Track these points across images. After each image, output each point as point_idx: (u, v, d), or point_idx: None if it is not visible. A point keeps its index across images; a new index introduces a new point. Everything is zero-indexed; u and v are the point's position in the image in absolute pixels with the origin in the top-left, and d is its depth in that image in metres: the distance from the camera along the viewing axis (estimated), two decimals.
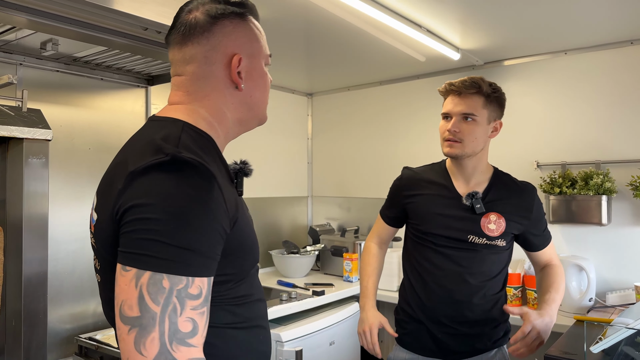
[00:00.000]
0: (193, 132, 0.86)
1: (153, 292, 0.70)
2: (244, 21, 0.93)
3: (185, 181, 0.74)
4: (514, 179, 1.59)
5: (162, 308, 0.70)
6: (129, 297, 0.70)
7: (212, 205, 0.75)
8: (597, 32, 2.15)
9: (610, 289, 2.24)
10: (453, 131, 1.47)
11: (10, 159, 1.61)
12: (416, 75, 2.93)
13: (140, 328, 0.69)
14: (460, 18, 1.98)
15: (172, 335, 0.70)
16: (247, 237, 0.87)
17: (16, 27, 1.52)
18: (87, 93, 2.08)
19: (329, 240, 3.03)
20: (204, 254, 0.74)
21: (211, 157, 0.86)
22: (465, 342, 1.50)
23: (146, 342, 0.69)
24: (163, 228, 0.71)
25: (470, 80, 1.47)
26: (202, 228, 0.74)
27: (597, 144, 2.32)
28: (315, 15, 1.93)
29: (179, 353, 0.70)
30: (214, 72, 0.90)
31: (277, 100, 3.28)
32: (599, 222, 2.19)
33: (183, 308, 0.71)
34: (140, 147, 0.81)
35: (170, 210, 0.72)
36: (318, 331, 2.27)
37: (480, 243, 1.48)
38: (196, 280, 0.73)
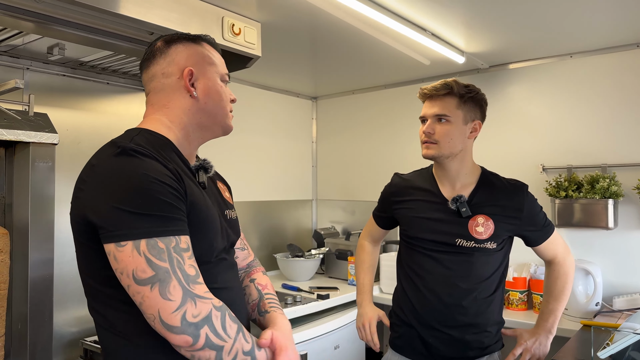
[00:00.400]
0: (149, 135, 1.03)
1: (155, 254, 0.87)
2: (196, 44, 1.12)
3: (140, 165, 0.92)
4: (502, 179, 1.57)
5: (170, 263, 0.87)
6: (138, 264, 0.86)
7: (170, 181, 0.93)
8: (603, 35, 2.15)
9: (617, 294, 2.23)
10: (427, 133, 1.50)
11: (17, 163, 1.62)
12: (421, 78, 2.93)
13: (160, 282, 0.86)
14: (465, 21, 1.98)
15: (187, 279, 0.88)
16: (201, 220, 1.00)
17: (23, 32, 1.53)
18: (93, 97, 2.09)
19: (334, 243, 3.03)
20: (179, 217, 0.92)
21: (167, 155, 1.01)
22: (457, 347, 1.49)
23: (170, 289, 0.86)
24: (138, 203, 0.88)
25: (441, 84, 1.50)
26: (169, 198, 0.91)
27: (603, 147, 2.31)
28: (320, 19, 1.94)
29: (197, 289, 0.89)
30: (171, 83, 1.08)
31: (282, 103, 3.29)
32: (605, 226, 2.17)
33: (183, 259, 0.90)
34: (102, 147, 1.00)
35: (137, 188, 0.89)
36: (323, 335, 2.26)
37: (468, 246, 1.47)
38: (182, 238, 0.92)
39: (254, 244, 3.05)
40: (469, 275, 1.47)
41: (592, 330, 1.51)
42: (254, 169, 3.07)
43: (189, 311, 0.86)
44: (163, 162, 0.96)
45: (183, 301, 0.86)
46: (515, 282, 2.32)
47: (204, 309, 0.88)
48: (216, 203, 1.14)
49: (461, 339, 1.48)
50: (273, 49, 2.30)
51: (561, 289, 1.57)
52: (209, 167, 1.14)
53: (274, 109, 3.23)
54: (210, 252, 1.03)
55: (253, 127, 3.06)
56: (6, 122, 1.49)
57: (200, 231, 1.00)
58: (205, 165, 1.13)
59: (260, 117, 3.12)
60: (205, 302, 0.89)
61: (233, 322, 0.93)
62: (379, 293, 2.68)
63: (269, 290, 1.27)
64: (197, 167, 1.11)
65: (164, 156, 0.99)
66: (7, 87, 1.47)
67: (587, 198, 2.20)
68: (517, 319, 2.16)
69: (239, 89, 2.96)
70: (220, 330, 0.89)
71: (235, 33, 1.82)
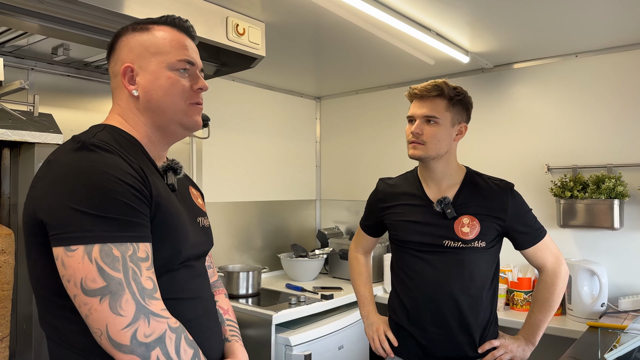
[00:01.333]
0: (114, 132, 0.95)
1: (108, 261, 0.78)
2: (143, 32, 0.99)
3: (101, 161, 0.84)
4: (488, 179, 1.56)
5: (124, 273, 0.79)
6: (88, 272, 0.77)
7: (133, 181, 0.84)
8: (608, 34, 2.13)
9: (622, 294, 2.22)
10: (416, 133, 1.49)
11: (22, 163, 1.62)
12: (425, 78, 2.92)
13: (112, 294, 0.77)
14: (469, 21, 1.97)
15: (142, 293, 0.80)
16: (168, 224, 0.92)
17: (28, 33, 1.53)
18: (98, 97, 2.10)
19: (338, 243, 3.02)
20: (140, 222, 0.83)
21: (134, 153, 0.94)
22: (450, 347, 1.48)
23: (122, 304, 0.77)
24: (93, 203, 0.79)
25: (432, 84, 1.49)
26: (131, 200, 0.82)
27: (609, 147, 2.30)
28: (324, 19, 1.93)
29: (153, 306, 0.80)
30: (118, 83, 1.00)
31: (286, 103, 3.29)
32: (611, 227, 2.16)
33: (140, 270, 0.81)
34: (63, 144, 0.91)
35: (94, 186, 0.80)
36: (327, 335, 2.26)
37: (456, 247, 1.47)
38: (140, 245, 0.83)
39: (258, 244, 3.05)
40: (459, 275, 1.47)
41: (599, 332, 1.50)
42: (257, 169, 3.06)
43: (140, 329, 0.77)
44: (127, 160, 0.88)
45: (135, 318, 0.77)
46: (520, 283, 2.31)
47: (157, 328, 0.79)
48: (187, 208, 1.05)
49: (454, 339, 1.48)
50: (277, 49, 2.30)
51: (546, 300, 1.53)
52: (177, 167, 1.04)
53: (278, 109, 3.23)
54: (176, 258, 0.94)
55: (257, 127, 3.06)
56: (11, 123, 1.50)
57: (166, 235, 0.91)
58: (173, 166, 1.03)
59: (264, 117, 3.12)
60: (160, 320, 0.80)
61: (189, 346, 0.84)
62: (382, 293, 2.67)
63: (230, 317, 1.18)
64: (165, 168, 1.01)
65: (130, 153, 0.91)
66: (12, 88, 1.47)
67: (593, 198, 2.19)
68: (521, 319, 2.15)
69: (243, 89, 2.96)
70: (173, 354, 0.80)
71: (240, 33, 1.82)
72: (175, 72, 0.98)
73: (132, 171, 0.86)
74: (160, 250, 0.89)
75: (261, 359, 2.13)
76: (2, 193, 1.68)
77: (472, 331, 1.48)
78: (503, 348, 1.50)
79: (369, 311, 1.70)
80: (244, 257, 2.94)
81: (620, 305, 2.13)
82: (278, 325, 2.15)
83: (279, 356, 2.10)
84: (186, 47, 1.00)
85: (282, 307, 2.21)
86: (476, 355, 1.49)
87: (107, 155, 0.85)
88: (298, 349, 2.09)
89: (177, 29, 1.01)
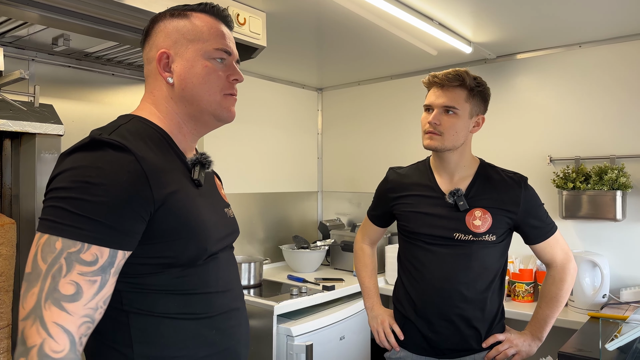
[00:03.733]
0: (141, 124, 0.92)
1: (45, 251, 0.74)
2: (181, 19, 0.96)
3: (101, 158, 0.80)
4: (501, 172, 1.54)
5: (48, 267, 0.73)
6: (29, 256, 0.75)
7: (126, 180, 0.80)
8: (612, 24, 2.11)
9: (624, 285, 2.22)
10: (434, 123, 1.45)
11: (22, 154, 1.62)
12: (427, 69, 2.91)
13: (28, 283, 0.73)
14: (472, 11, 1.96)
15: (49, 294, 0.72)
16: (187, 223, 0.88)
17: (28, 23, 1.52)
18: (99, 88, 2.09)
19: (339, 235, 3.03)
20: (109, 224, 0.77)
21: (157, 147, 0.90)
22: (456, 340, 1.47)
23: (27, 296, 0.72)
24: (68, 195, 0.77)
25: (454, 73, 1.44)
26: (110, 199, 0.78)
27: (612, 138, 2.29)
28: (326, 9, 1.92)
29: (47, 312, 0.71)
30: (152, 70, 0.97)
31: (287, 95, 3.28)
32: (613, 218, 2.16)
33: (69, 270, 0.73)
34: None
35: (78, 180, 0.78)
36: (328, 326, 2.27)
37: (466, 239, 1.46)
38: (92, 248, 0.76)
39: (260, 236, 3.05)
40: (467, 269, 1.46)
41: (600, 323, 1.50)
42: (259, 160, 3.06)
43: (26, 329, 0.71)
44: (139, 158, 0.83)
45: (27, 315, 0.71)
46: (521, 274, 2.31)
47: (32, 338, 0.70)
48: (215, 201, 1.03)
49: (460, 332, 1.47)
50: (278, 39, 2.28)
51: (554, 296, 1.52)
52: (206, 162, 0.99)
53: (279, 100, 3.22)
54: (202, 255, 0.92)
55: (258, 118, 3.05)
56: (12, 113, 1.49)
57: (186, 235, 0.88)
58: (202, 161, 0.98)
59: (265, 108, 3.11)
60: (40, 332, 0.70)
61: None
62: (384, 284, 2.67)
63: None
64: (193, 162, 0.97)
65: (151, 149, 0.88)
66: (12, 78, 1.47)
67: (595, 189, 2.18)
68: (522, 310, 2.15)
69: (244, 80, 2.95)
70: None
71: (241, 23, 1.81)
72: (212, 61, 0.95)
73: (137, 170, 0.82)
74: (185, 250, 0.88)
75: (263, 350, 2.14)
76: (4, 183, 1.68)
77: (479, 325, 1.47)
78: (508, 342, 1.49)
79: (374, 303, 1.69)
80: (246, 248, 2.94)
81: (621, 296, 2.13)
82: (280, 316, 2.15)
83: (280, 346, 2.11)
84: (224, 35, 0.98)
85: (284, 298, 2.22)
86: (482, 349, 1.49)
87: (112, 153, 0.82)
88: (299, 339, 2.10)
89: (215, 17, 0.99)
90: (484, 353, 1.49)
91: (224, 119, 0.99)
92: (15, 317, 1.54)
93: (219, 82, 0.96)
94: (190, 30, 0.95)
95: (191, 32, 0.95)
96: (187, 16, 0.96)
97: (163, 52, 0.94)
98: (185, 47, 0.95)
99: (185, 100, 0.96)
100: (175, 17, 0.96)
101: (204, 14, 0.98)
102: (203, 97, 0.95)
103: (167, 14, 0.97)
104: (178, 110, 0.97)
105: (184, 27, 0.95)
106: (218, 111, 0.97)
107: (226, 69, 0.98)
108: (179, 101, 0.96)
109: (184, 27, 0.95)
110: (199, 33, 0.95)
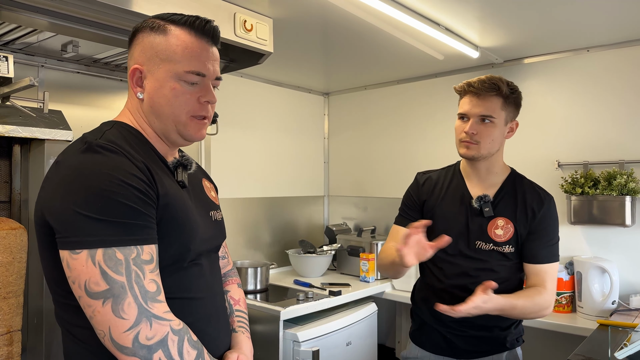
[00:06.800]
0: (123, 129, 0.96)
1: (110, 265, 0.79)
2: (158, 34, 0.95)
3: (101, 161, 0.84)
4: (532, 184, 1.54)
5: (127, 277, 0.79)
6: (91, 275, 0.78)
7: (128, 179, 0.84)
8: (620, 28, 2.10)
9: (634, 292, 2.19)
10: (471, 133, 1.44)
11: (32, 160, 1.64)
12: (434, 73, 2.90)
13: (114, 298, 0.78)
14: (479, 16, 1.95)
15: (144, 296, 0.80)
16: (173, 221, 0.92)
17: (38, 30, 1.54)
18: (107, 94, 2.11)
19: (346, 240, 3.02)
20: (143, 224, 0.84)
21: (142, 150, 0.94)
22: (476, 344, 1.48)
23: (124, 307, 0.78)
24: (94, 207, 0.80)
25: (489, 82, 1.43)
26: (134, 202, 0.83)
27: (621, 143, 2.27)
28: (332, 14, 1.92)
29: (155, 309, 0.81)
30: (129, 81, 0.99)
31: (294, 99, 3.28)
32: (622, 224, 2.14)
33: (143, 272, 0.82)
34: (72, 143, 0.92)
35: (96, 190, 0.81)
36: (335, 331, 2.26)
37: (486, 249, 1.46)
38: (144, 248, 0.83)
39: (266, 240, 3.05)
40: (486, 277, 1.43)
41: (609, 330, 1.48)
42: (265, 165, 3.07)
43: (142, 332, 0.79)
44: (132, 160, 0.87)
45: (137, 321, 0.79)
46: None
47: (160, 331, 0.80)
48: (199, 202, 1.05)
49: (480, 337, 1.48)
50: (285, 45, 2.29)
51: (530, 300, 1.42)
52: (188, 163, 1.03)
53: (286, 105, 3.22)
54: (185, 256, 0.95)
55: (265, 123, 3.06)
56: (21, 120, 1.51)
57: (174, 234, 0.91)
58: (184, 162, 1.02)
59: (272, 113, 3.12)
60: (162, 323, 0.81)
61: (192, 347, 0.85)
62: (391, 290, 2.67)
63: (241, 307, 1.18)
64: (175, 165, 1.01)
65: (137, 152, 0.91)
66: (21, 85, 1.48)
67: (604, 195, 2.16)
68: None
69: (251, 85, 2.96)
70: (176, 355, 0.81)
71: (247, 29, 1.82)
72: (182, 83, 0.94)
73: (137, 172, 0.86)
74: (169, 249, 0.90)
75: (269, 355, 2.13)
76: (13, 189, 1.69)
77: (500, 330, 1.48)
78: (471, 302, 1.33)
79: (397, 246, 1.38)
80: (252, 253, 2.95)
81: (631, 302, 2.11)
82: (286, 321, 2.15)
83: (286, 352, 2.11)
84: (199, 57, 0.95)
85: (290, 303, 2.21)
86: (501, 350, 1.49)
87: (112, 156, 0.86)
88: (306, 344, 2.09)
89: (196, 33, 0.96)
90: (504, 354, 1.49)
91: (190, 140, 0.99)
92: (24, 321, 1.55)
93: (187, 105, 0.95)
94: (165, 49, 0.94)
95: (165, 51, 0.94)
96: (165, 32, 0.95)
97: (136, 69, 0.96)
98: (157, 66, 0.94)
99: (153, 116, 0.97)
100: (154, 31, 0.95)
101: (185, 30, 0.95)
102: (169, 117, 0.96)
103: (148, 27, 0.96)
104: (149, 123, 0.99)
105: (159, 44, 0.94)
106: (183, 132, 0.97)
107: (197, 91, 0.96)
108: (148, 115, 0.98)
109: (159, 44, 0.94)
110: (172, 53, 0.94)
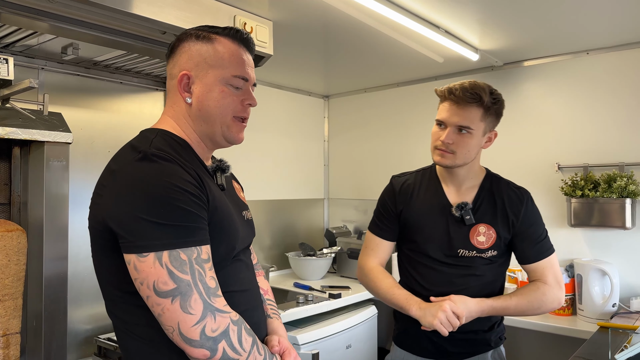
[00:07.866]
0: (167, 137, 1.01)
1: (176, 265, 0.87)
2: (205, 43, 1.03)
3: (158, 170, 0.90)
4: (508, 184, 1.52)
5: (192, 276, 0.87)
6: (159, 275, 0.86)
7: (185, 185, 0.91)
8: (620, 31, 2.10)
9: (634, 294, 2.19)
10: (447, 143, 1.41)
11: (31, 162, 1.64)
12: (434, 76, 2.90)
13: (182, 295, 0.86)
14: (479, 19, 1.96)
15: (207, 292, 0.89)
16: (221, 223, 0.99)
17: (38, 32, 1.54)
18: (107, 96, 2.11)
19: (346, 242, 3.02)
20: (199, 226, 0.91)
21: (187, 157, 1.00)
22: (462, 345, 1.48)
23: (191, 303, 0.86)
24: (151, 211, 0.87)
25: (471, 91, 1.38)
26: (190, 207, 0.90)
27: (621, 145, 2.27)
28: (332, 17, 1.93)
29: (217, 303, 0.90)
30: (173, 86, 1.04)
31: (294, 102, 3.28)
32: (622, 226, 2.13)
33: (204, 270, 0.90)
34: (121, 151, 0.98)
35: (155, 195, 0.88)
36: (335, 334, 2.25)
37: (469, 256, 1.45)
38: (203, 248, 0.91)
39: (266, 243, 3.05)
40: (469, 283, 1.45)
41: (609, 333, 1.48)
42: (265, 167, 3.07)
43: (208, 325, 0.87)
44: (184, 167, 0.94)
45: (203, 315, 0.87)
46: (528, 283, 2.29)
47: (222, 323, 0.89)
48: (234, 204, 1.12)
49: (467, 338, 1.47)
50: (285, 47, 2.29)
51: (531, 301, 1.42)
52: (225, 167, 1.11)
53: (286, 107, 3.22)
54: (230, 254, 1.03)
55: (265, 126, 3.06)
56: (21, 122, 1.51)
57: (222, 235, 0.99)
58: (222, 166, 1.10)
59: (272, 116, 3.12)
60: (224, 316, 0.90)
61: (248, 335, 0.94)
62: None
63: (270, 296, 1.27)
64: (214, 169, 1.08)
65: (184, 159, 0.97)
66: (21, 87, 1.48)
67: (604, 197, 2.16)
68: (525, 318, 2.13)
69: None
70: (236, 344, 0.91)
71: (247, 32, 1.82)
72: (229, 87, 1.03)
73: (190, 178, 0.93)
74: (217, 249, 0.97)
75: None
76: (13, 191, 1.69)
77: (484, 330, 1.49)
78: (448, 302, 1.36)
79: (419, 301, 1.42)
80: None
81: (632, 305, 2.10)
82: (286, 323, 2.15)
83: None
84: (244, 62, 1.05)
85: (290, 306, 2.21)
86: (486, 349, 1.50)
87: (167, 164, 0.92)
88: (306, 347, 2.09)
89: (237, 42, 1.05)
90: (489, 353, 1.50)
91: (231, 142, 1.08)
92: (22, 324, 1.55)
93: (233, 105, 1.04)
94: (212, 56, 1.02)
95: (213, 57, 1.02)
96: (211, 40, 1.03)
97: (184, 74, 1.02)
98: (205, 72, 1.02)
99: (201, 119, 1.03)
100: (200, 39, 1.03)
101: (228, 39, 1.04)
102: (217, 119, 1.03)
103: (193, 36, 1.04)
104: (195, 128, 1.05)
105: (206, 52, 1.02)
106: (227, 133, 1.05)
107: (241, 94, 1.05)
108: (195, 119, 1.04)
109: (206, 52, 1.02)
110: (220, 60, 1.02)
